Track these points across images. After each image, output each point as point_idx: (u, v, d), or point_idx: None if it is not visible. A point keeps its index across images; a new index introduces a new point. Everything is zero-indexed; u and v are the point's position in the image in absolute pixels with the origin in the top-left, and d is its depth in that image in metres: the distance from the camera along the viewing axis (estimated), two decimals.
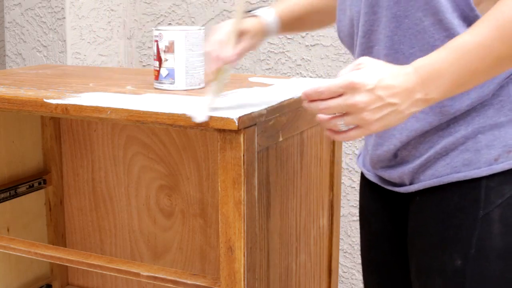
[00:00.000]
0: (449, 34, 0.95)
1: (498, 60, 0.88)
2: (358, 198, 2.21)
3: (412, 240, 1.07)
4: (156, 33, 1.47)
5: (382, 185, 1.13)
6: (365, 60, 0.91)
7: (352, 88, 0.88)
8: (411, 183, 1.04)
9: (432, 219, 1.01)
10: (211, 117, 1.18)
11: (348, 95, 0.88)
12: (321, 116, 0.93)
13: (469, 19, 0.94)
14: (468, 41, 0.87)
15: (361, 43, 1.05)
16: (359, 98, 0.88)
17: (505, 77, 0.96)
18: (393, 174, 1.06)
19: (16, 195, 1.92)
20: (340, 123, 0.91)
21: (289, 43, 2.22)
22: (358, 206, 1.38)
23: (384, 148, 1.05)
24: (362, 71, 0.88)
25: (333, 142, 1.64)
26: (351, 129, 0.92)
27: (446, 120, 0.97)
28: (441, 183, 0.99)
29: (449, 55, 0.88)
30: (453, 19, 0.94)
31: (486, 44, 0.86)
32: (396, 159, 1.05)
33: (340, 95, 0.89)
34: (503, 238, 0.96)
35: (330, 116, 0.92)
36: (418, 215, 1.04)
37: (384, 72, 0.88)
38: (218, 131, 1.19)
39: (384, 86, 0.87)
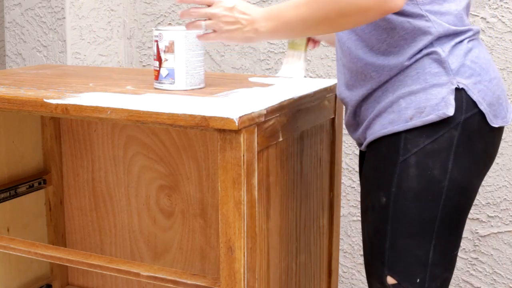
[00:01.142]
0: None
1: (303, 20, 1.19)
2: (358, 198, 2.21)
3: (361, 187, 1.31)
4: (156, 33, 1.47)
5: (358, 148, 1.41)
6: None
7: (217, 2, 1.27)
8: (362, 142, 1.30)
9: (370, 167, 1.26)
10: (211, 117, 1.18)
11: (213, 7, 1.27)
12: (189, 20, 1.32)
13: None
14: (291, 0, 1.20)
15: None
16: (219, 11, 1.26)
17: (418, 51, 1.18)
18: (356, 136, 1.32)
19: (16, 195, 1.92)
20: (203, 24, 1.29)
21: None
22: None
23: (348, 113, 1.32)
24: None
25: (333, 142, 1.64)
26: (209, 33, 1.30)
27: (377, 85, 1.22)
28: (375, 138, 1.23)
29: (281, 6, 1.21)
30: None
31: (298, 5, 1.19)
32: (355, 122, 1.30)
33: (209, 6, 1.28)
34: (418, 180, 1.18)
35: (195, 20, 1.31)
36: (364, 166, 1.29)
37: (242, 2, 1.26)
38: (218, 131, 1.19)
39: (239, 10, 1.25)
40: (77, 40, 2.33)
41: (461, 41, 1.20)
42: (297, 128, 1.42)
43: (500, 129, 1.24)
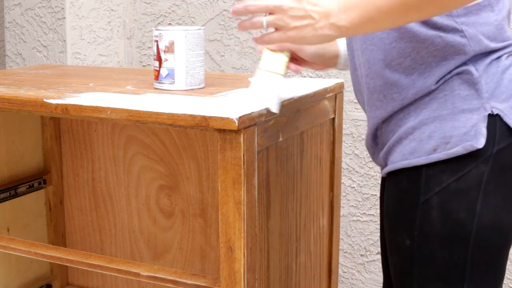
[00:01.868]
0: None
1: (402, 5, 0.93)
2: (358, 198, 2.21)
3: (382, 221, 1.18)
4: (156, 33, 1.47)
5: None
6: None
7: None
8: (383, 168, 1.14)
9: (391, 201, 1.10)
10: (211, 117, 1.18)
11: None
12: (242, 21, 1.05)
13: None
14: None
15: None
16: (285, 2, 0.99)
17: (448, 71, 1.02)
18: (377, 160, 1.17)
19: (16, 195, 1.92)
20: (264, 21, 1.01)
21: None
22: None
23: (366, 134, 1.17)
24: None
25: (333, 142, 1.64)
26: (271, 32, 1.02)
27: (399, 108, 1.06)
28: (395, 169, 1.08)
29: None
30: None
31: None
32: (375, 145, 1.15)
33: None
34: (443, 224, 1.03)
35: (252, 16, 1.03)
36: (385, 198, 1.14)
37: None
38: (218, 131, 1.19)
39: (309, 1, 0.98)
40: (77, 40, 2.33)
41: (499, 57, 1.04)
42: (297, 128, 1.42)
43: None
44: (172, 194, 1.90)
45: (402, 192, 1.07)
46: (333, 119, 1.62)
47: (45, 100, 1.34)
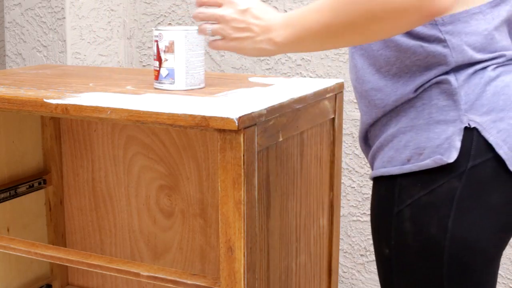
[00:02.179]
0: None
1: (327, 27, 0.96)
2: (358, 198, 2.21)
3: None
4: (156, 33, 1.47)
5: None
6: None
7: (228, 3, 1.06)
8: (370, 164, 1.13)
9: (372, 208, 1.08)
10: (211, 117, 1.18)
11: (223, 7, 1.06)
12: (198, 21, 1.11)
13: None
14: (314, 3, 0.98)
15: None
16: (229, 13, 1.05)
17: (427, 80, 0.99)
18: (367, 158, 1.15)
19: (16, 195, 1.92)
20: (209, 29, 1.09)
21: None
22: None
23: (359, 138, 1.15)
24: None
25: (333, 142, 1.64)
26: (217, 40, 1.10)
27: (381, 114, 1.04)
28: (376, 176, 1.06)
29: (303, 11, 0.99)
30: None
31: (321, 8, 0.96)
32: (366, 147, 1.13)
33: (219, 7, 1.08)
34: (415, 237, 0.99)
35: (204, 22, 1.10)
36: (370, 203, 1.12)
37: (259, 4, 1.05)
38: (218, 131, 1.19)
39: (253, 14, 1.03)
40: (77, 40, 2.33)
41: (485, 68, 0.98)
42: (297, 128, 1.42)
43: None
44: (172, 194, 1.90)
45: (380, 201, 1.05)
46: (333, 119, 1.62)
47: (45, 100, 1.34)
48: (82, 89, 1.48)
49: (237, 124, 1.16)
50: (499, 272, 2.05)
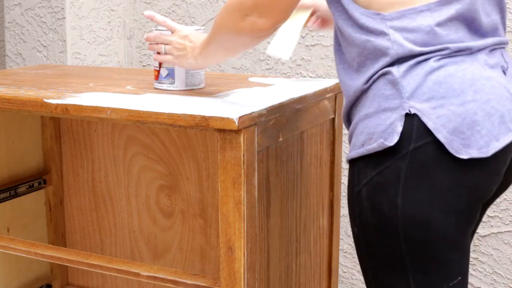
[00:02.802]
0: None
1: (211, 42, 1.31)
2: None
3: None
4: (156, 33, 1.47)
5: None
6: (189, 28, 1.44)
7: (175, 31, 1.43)
8: None
9: (347, 189, 1.18)
10: (211, 117, 1.18)
11: (172, 34, 1.43)
12: (150, 44, 1.48)
13: None
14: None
15: None
16: (174, 38, 1.42)
17: (375, 72, 1.09)
18: None
19: (16, 195, 1.92)
20: (162, 49, 1.44)
21: None
22: None
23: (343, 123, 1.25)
24: (186, 28, 1.43)
25: (333, 142, 1.64)
26: (168, 56, 1.43)
27: (350, 105, 1.15)
28: (347, 162, 1.16)
29: (208, 34, 1.33)
30: None
31: (210, 31, 1.30)
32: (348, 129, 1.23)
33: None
34: (372, 215, 1.09)
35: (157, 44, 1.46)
36: None
37: (194, 33, 1.41)
38: (218, 131, 1.19)
39: (189, 39, 1.40)
40: (77, 40, 2.33)
41: (427, 59, 1.07)
42: (297, 128, 1.42)
43: (481, 161, 1.04)
44: (172, 194, 1.90)
45: (348, 183, 1.15)
46: (333, 119, 1.62)
47: (45, 100, 1.34)
48: (82, 89, 1.48)
49: (237, 124, 1.16)
50: (499, 272, 2.05)
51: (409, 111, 1.05)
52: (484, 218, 2.04)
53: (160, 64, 1.47)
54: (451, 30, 1.08)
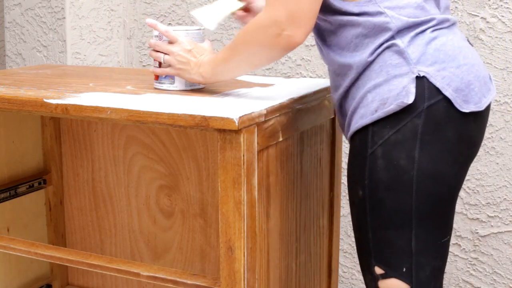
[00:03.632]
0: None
1: (229, 61, 1.35)
2: None
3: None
4: (156, 33, 1.47)
5: None
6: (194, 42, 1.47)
7: (178, 43, 1.44)
8: (346, 136, 1.32)
9: (348, 163, 1.29)
10: (211, 117, 1.18)
11: (174, 44, 1.44)
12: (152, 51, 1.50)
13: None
14: (225, 46, 1.37)
15: None
16: (177, 49, 1.43)
17: (378, 46, 1.22)
18: (346, 136, 1.33)
19: (16, 195, 1.92)
20: (162, 58, 1.45)
21: None
22: None
23: (337, 114, 1.36)
24: (190, 40, 1.46)
25: (333, 142, 1.64)
26: (167, 67, 1.45)
27: (351, 83, 1.26)
28: (351, 134, 1.27)
29: (219, 52, 1.38)
30: None
31: (225, 49, 1.36)
32: (343, 122, 1.33)
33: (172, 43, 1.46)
34: (387, 171, 1.20)
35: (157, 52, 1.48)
36: (347, 164, 1.32)
37: (199, 47, 1.44)
38: (218, 131, 1.19)
39: (192, 53, 1.42)
40: (77, 40, 2.33)
41: (423, 31, 1.23)
42: (297, 128, 1.42)
43: (476, 115, 1.22)
44: (172, 194, 1.90)
45: (355, 150, 1.25)
46: (333, 119, 1.62)
47: (45, 100, 1.34)
48: (82, 89, 1.48)
49: (237, 124, 1.16)
50: (499, 272, 2.05)
51: (419, 74, 1.19)
52: (484, 218, 2.04)
53: (160, 64, 1.47)
54: (431, 6, 1.27)
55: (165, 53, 1.45)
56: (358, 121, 1.23)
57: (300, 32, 1.23)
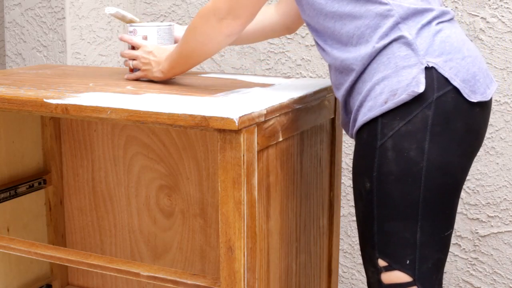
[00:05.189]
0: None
1: (180, 55, 1.47)
2: None
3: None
4: (130, 28, 1.62)
5: None
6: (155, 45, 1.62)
7: (142, 46, 1.60)
8: (352, 132, 1.33)
9: (355, 156, 1.29)
10: (211, 117, 1.18)
11: (138, 50, 1.61)
12: (124, 60, 1.67)
13: None
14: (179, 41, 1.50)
15: None
16: (140, 53, 1.60)
17: (384, 35, 1.23)
18: (350, 134, 1.34)
19: (16, 195, 1.92)
20: (131, 64, 1.62)
21: (289, 43, 2.22)
22: None
23: (341, 112, 1.36)
24: (152, 43, 1.61)
25: (333, 142, 1.64)
26: (138, 71, 1.61)
27: (357, 78, 1.27)
28: (358, 127, 1.26)
29: (173, 49, 1.50)
30: None
31: (178, 45, 1.47)
32: (348, 119, 1.33)
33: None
34: (397, 163, 1.20)
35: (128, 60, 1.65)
36: (353, 156, 1.32)
37: (159, 48, 1.58)
38: (218, 131, 1.19)
39: (153, 54, 1.57)
40: (77, 40, 2.33)
41: (429, 23, 1.24)
42: (297, 128, 1.42)
43: (482, 105, 1.24)
44: (172, 194, 1.90)
45: (363, 143, 1.25)
46: (333, 119, 1.62)
47: (45, 100, 1.34)
48: (82, 89, 1.48)
49: (237, 124, 1.16)
50: (499, 272, 2.05)
51: (427, 65, 1.20)
52: (484, 218, 2.04)
53: (131, 70, 1.65)
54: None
55: (133, 59, 1.61)
56: (366, 114, 1.23)
57: (238, 22, 1.34)
